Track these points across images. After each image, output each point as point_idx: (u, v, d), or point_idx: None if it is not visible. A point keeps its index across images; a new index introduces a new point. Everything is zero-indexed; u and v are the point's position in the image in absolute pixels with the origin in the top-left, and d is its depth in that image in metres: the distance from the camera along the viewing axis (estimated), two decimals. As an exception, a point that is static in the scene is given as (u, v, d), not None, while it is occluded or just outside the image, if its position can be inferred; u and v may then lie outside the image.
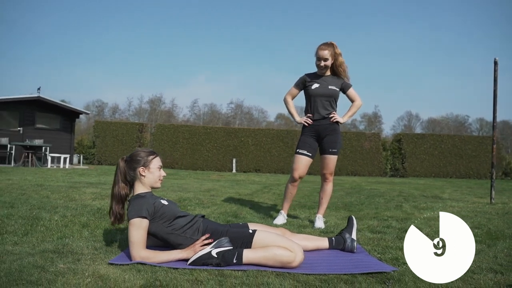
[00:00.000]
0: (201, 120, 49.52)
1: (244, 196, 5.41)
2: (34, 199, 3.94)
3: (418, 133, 16.80)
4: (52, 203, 3.70)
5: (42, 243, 2.16)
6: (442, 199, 5.76)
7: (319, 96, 3.16)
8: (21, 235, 2.31)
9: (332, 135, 3.20)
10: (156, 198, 2.09)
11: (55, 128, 13.39)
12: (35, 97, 12.54)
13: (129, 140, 15.21)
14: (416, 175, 14.94)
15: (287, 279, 1.73)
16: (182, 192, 5.40)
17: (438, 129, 50.63)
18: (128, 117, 47.34)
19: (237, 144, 15.14)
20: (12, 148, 11.90)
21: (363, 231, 3.01)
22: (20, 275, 1.57)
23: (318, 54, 3.14)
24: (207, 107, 51.69)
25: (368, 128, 49.95)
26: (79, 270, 1.67)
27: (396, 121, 54.30)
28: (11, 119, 12.63)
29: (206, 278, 1.68)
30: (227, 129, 15.77)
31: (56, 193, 4.54)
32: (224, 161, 15.06)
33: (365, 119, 53.04)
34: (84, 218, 2.98)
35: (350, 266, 1.99)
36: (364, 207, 4.51)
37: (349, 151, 15.09)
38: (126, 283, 1.55)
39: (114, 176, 2.12)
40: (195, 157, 15.02)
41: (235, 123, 49.74)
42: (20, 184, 5.41)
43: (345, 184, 8.85)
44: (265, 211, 3.94)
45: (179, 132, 15.23)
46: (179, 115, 49.62)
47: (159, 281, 1.58)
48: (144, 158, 2.12)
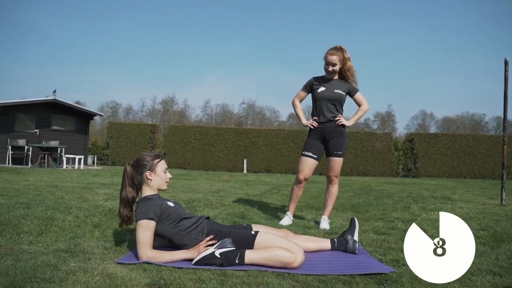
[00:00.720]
0: (213, 120, 49.80)
1: (253, 197, 5.48)
2: (49, 200, 4.09)
3: (430, 133, 16.59)
4: (66, 204, 3.84)
5: (56, 243, 2.27)
6: (451, 200, 5.72)
7: (324, 100, 3.21)
8: (36, 235, 2.43)
9: (337, 138, 3.24)
10: (163, 200, 2.17)
11: (70, 130, 13.71)
12: (51, 99, 12.87)
13: (141, 141, 15.46)
14: (429, 176, 14.77)
15: (287, 279, 1.79)
16: (191, 193, 5.50)
17: (454, 128, 49.75)
18: (142, 118, 47.94)
19: (248, 145, 15.23)
20: (29, 149, 12.24)
21: (368, 233, 3.05)
22: (34, 273, 1.67)
23: (326, 59, 3.19)
24: (219, 107, 51.97)
25: (381, 128, 49.46)
26: (89, 269, 1.77)
27: (410, 120, 53.61)
28: (28, 121, 12.99)
29: (208, 277, 1.76)
30: (238, 130, 15.87)
31: (70, 194, 4.69)
32: (235, 162, 15.17)
33: (378, 118, 52.53)
34: (96, 219, 3.10)
35: (349, 267, 2.04)
36: (371, 208, 4.53)
37: (360, 151, 15.02)
38: (132, 281, 1.64)
39: (122, 181, 2.22)
40: (207, 158, 15.17)
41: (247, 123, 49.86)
42: (36, 185, 5.60)
43: (355, 184, 8.84)
44: (272, 212, 4.00)
45: (191, 133, 15.41)
46: (192, 116, 50.01)
47: (164, 280, 1.67)
48: (150, 162, 2.21)
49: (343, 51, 3.20)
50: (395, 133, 47.26)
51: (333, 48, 3.21)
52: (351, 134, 15.35)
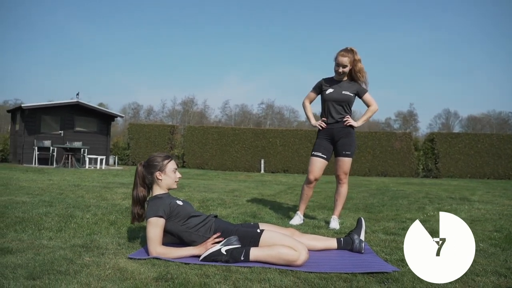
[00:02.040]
0: (232, 120, 50.12)
1: (267, 196, 5.54)
2: (70, 199, 4.28)
3: (452, 132, 16.18)
4: (85, 202, 4.02)
5: (73, 239, 2.41)
6: (470, 201, 5.60)
7: (332, 101, 3.24)
8: (56, 231, 2.57)
9: (346, 138, 3.26)
10: (172, 198, 2.27)
11: (92, 131, 14.15)
12: (74, 102, 13.33)
13: (161, 142, 15.77)
14: (450, 176, 14.42)
15: (289, 276, 1.85)
16: (207, 193, 5.61)
17: (479, 127, 48.21)
18: (162, 119, 48.76)
19: (265, 145, 15.29)
20: (54, 150, 12.72)
21: (377, 233, 3.06)
22: (51, 266, 1.79)
23: (337, 60, 3.21)
24: (238, 107, 52.24)
25: (403, 127, 48.50)
26: (101, 263, 1.88)
27: (433, 119, 52.36)
28: (53, 123, 13.49)
29: (213, 273, 1.83)
30: (256, 130, 15.96)
31: (91, 193, 4.88)
32: (252, 162, 15.27)
33: (400, 117, 51.54)
34: (113, 217, 3.24)
35: (352, 265, 2.07)
36: (385, 209, 4.51)
37: (379, 151, 14.82)
38: (141, 275, 1.74)
39: (134, 180, 2.33)
40: (224, 158, 15.33)
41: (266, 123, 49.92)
42: (59, 185, 5.84)
43: (371, 185, 8.76)
44: (284, 212, 4.05)
45: (209, 134, 15.61)
46: (211, 116, 50.50)
47: (170, 274, 1.75)
48: (160, 163, 2.30)
49: (354, 52, 3.21)
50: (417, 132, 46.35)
51: (344, 49, 3.23)
52: (369, 134, 15.17)
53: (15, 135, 13.64)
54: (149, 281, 1.66)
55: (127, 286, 1.57)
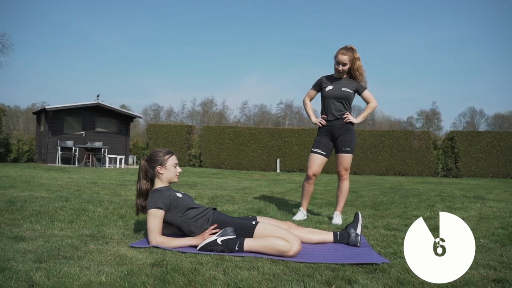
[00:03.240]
0: (251, 121, 50.35)
1: (276, 194, 5.62)
2: (86, 194, 4.49)
3: (473, 131, 15.74)
4: (100, 198, 4.21)
5: (82, 229, 2.56)
6: (484, 199, 5.50)
7: (331, 98, 3.30)
8: (67, 223, 2.74)
9: (345, 135, 3.31)
10: (172, 191, 2.39)
11: (112, 131, 14.58)
12: (94, 103, 13.79)
13: (179, 142, 16.07)
14: (471, 175, 14.05)
15: (279, 264, 1.93)
16: (217, 190, 5.74)
17: (506, 126, 46.64)
18: (182, 120, 49.51)
19: (281, 144, 15.35)
20: (76, 150, 13.19)
21: (379, 228, 3.09)
22: (58, 252, 1.94)
23: (337, 58, 3.27)
24: (257, 108, 52.43)
25: (425, 126, 47.44)
26: (104, 250, 2.02)
27: (457, 117, 51.00)
28: (75, 124, 14.00)
29: (207, 261, 1.93)
30: (272, 130, 16.03)
31: (106, 190, 5.09)
32: (268, 161, 15.35)
33: (423, 116, 50.43)
34: (123, 211, 3.40)
35: (345, 257, 2.13)
36: (393, 206, 4.50)
37: (396, 150, 14.61)
38: (138, 261, 1.86)
39: (138, 174, 2.46)
40: (241, 158, 15.48)
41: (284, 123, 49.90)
42: (78, 182, 6.11)
43: (385, 184, 8.68)
44: (290, 209, 4.11)
45: (225, 133, 15.79)
46: (230, 117, 50.89)
47: (166, 261, 1.87)
48: (161, 158, 2.43)
49: (353, 51, 3.26)
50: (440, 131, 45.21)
51: (344, 48, 3.28)
52: (387, 133, 14.97)
53: (40, 136, 14.23)
54: (144, 267, 1.78)
55: (123, 270, 1.69)
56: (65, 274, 1.60)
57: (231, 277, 1.67)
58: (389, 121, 51.74)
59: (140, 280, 1.57)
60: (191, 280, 1.61)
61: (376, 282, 1.70)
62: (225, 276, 1.70)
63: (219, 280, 1.62)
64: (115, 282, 1.54)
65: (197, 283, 1.58)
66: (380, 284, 1.69)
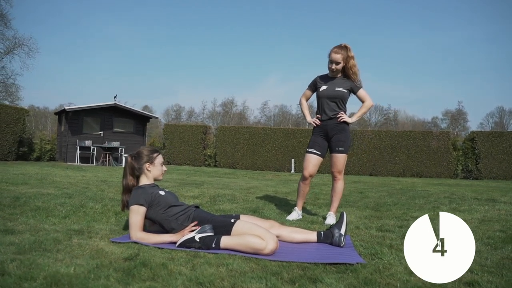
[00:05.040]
0: (271, 121, 50.34)
1: (280, 194, 5.61)
2: (91, 192, 4.63)
3: (495, 131, 15.16)
4: (103, 195, 4.33)
5: (73, 225, 2.66)
6: (496, 202, 5.31)
7: (325, 98, 3.28)
8: (61, 218, 2.85)
9: (339, 134, 3.28)
10: (156, 189, 2.45)
11: (129, 131, 14.94)
12: (112, 104, 14.17)
13: (194, 142, 16.28)
14: (492, 177, 13.56)
15: (250, 262, 1.94)
16: (222, 189, 5.79)
17: (538, 126, 44.73)
18: (203, 120, 50.05)
19: (295, 145, 15.29)
20: (94, 149, 13.59)
21: (370, 229, 3.05)
22: (40, 245, 2.03)
23: (330, 57, 3.24)
24: (277, 108, 52.37)
25: (451, 127, 46.11)
26: (84, 244, 2.09)
27: (485, 118, 49.27)
28: (94, 124, 14.43)
29: (179, 257, 1.97)
30: (286, 130, 16.00)
31: (112, 188, 5.24)
32: (283, 162, 15.32)
33: (448, 116, 49.02)
34: (119, 208, 3.48)
35: (321, 256, 2.12)
36: (395, 208, 4.42)
37: (414, 151, 14.27)
38: (113, 255, 1.92)
39: (123, 170, 2.53)
40: (255, 158, 15.52)
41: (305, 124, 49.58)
42: (88, 180, 6.30)
43: (397, 185, 8.51)
44: (288, 208, 4.11)
45: (240, 134, 15.88)
46: (250, 117, 51.05)
47: (140, 256, 1.92)
48: (148, 155, 2.49)
49: (347, 49, 3.22)
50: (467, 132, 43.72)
51: (338, 46, 3.25)
52: (404, 134, 14.64)
53: (61, 136, 14.75)
54: (117, 260, 1.83)
55: (94, 263, 1.75)
56: (37, 265, 1.67)
57: (196, 273, 1.70)
58: (413, 121, 50.54)
59: (106, 273, 1.62)
60: (156, 274, 1.65)
61: (341, 282, 1.70)
62: (191, 271, 1.73)
63: (183, 275, 1.66)
64: (82, 274, 1.60)
65: (160, 277, 1.62)
66: (345, 284, 1.68)
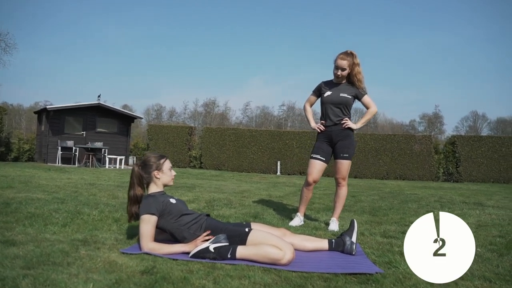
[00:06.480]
0: (253, 122, 50.35)
1: (275, 198, 5.59)
2: (83, 196, 4.47)
3: (474, 135, 15.65)
4: (96, 200, 4.19)
5: (75, 234, 2.54)
6: (483, 206, 5.46)
7: (329, 104, 3.28)
8: (60, 226, 2.72)
9: (344, 141, 3.28)
10: (166, 197, 2.37)
11: (113, 132, 14.59)
12: (95, 103, 13.80)
13: (179, 143, 16.06)
14: (472, 180, 13.98)
15: (271, 274, 1.90)
16: (216, 193, 5.71)
17: (509, 130, 46.53)
18: (184, 120, 49.54)
19: (281, 147, 15.32)
20: (76, 150, 13.20)
21: (375, 235, 3.06)
22: (48, 258, 1.92)
23: (336, 63, 3.24)
24: (259, 109, 52.45)
25: (428, 130, 47.42)
26: (95, 256, 1.99)
27: (460, 122, 50.99)
28: (76, 124, 14.02)
29: (198, 269, 1.91)
30: (272, 132, 16.01)
31: (103, 192, 5.08)
32: (269, 164, 15.32)
33: (425, 119, 50.40)
34: (118, 214, 3.37)
35: (338, 266, 2.10)
36: (391, 212, 4.47)
37: (397, 154, 14.55)
38: (128, 268, 1.83)
39: (130, 180, 2.43)
40: (241, 159, 15.46)
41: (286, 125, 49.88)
42: (76, 183, 6.09)
43: (385, 188, 8.64)
44: (287, 213, 4.08)
45: (226, 135, 15.77)
46: (232, 118, 50.92)
47: (156, 269, 1.84)
48: (156, 163, 2.41)
49: (353, 56, 3.23)
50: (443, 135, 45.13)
51: (344, 52, 3.25)
52: (388, 137, 14.93)
53: (40, 135, 14.25)
54: (134, 274, 1.75)
55: (112, 278, 1.67)
56: (52, 281, 1.57)
57: (221, 287, 1.64)
58: (391, 124, 51.70)
59: (127, 289, 1.54)
60: (180, 289, 1.59)
61: (368, 294, 1.68)
62: (215, 285, 1.67)
63: (208, 290, 1.60)
64: (102, 291, 1.52)
65: (186, 293, 1.56)
66: (372, 296, 1.66)
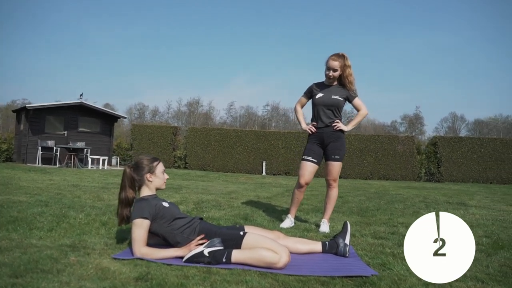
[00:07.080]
0: (237, 122, 50.27)
1: (263, 199, 5.57)
2: (67, 199, 4.34)
3: (455, 136, 16.07)
4: (81, 203, 4.07)
5: (62, 238, 2.46)
6: (466, 206, 5.59)
7: (321, 105, 3.28)
8: (46, 231, 2.63)
9: (335, 142, 3.30)
10: (159, 200, 2.31)
11: (95, 132, 14.27)
12: (77, 102, 13.47)
13: (163, 143, 15.86)
14: (453, 180, 14.34)
15: (268, 278, 1.88)
16: (203, 194, 5.66)
17: (486, 131, 47.98)
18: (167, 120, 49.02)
19: (267, 147, 15.33)
20: (57, 150, 12.85)
21: (366, 237, 3.08)
22: (36, 265, 1.84)
23: (328, 64, 3.25)
24: (243, 109, 52.42)
25: (409, 130, 48.41)
26: (85, 263, 1.93)
27: (440, 123, 52.30)
28: (57, 123, 13.64)
29: (193, 274, 1.87)
30: (258, 132, 16.01)
31: (88, 193, 4.95)
32: (254, 164, 15.30)
33: (406, 120, 51.45)
34: (105, 217, 3.28)
35: (333, 269, 2.10)
36: (379, 213, 4.52)
37: (381, 154, 14.79)
38: (122, 275, 1.78)
39: (121, 183, 2.37)
40: (226, 160, 15.39)
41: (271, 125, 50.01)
42: (59, 185, 5.92)
43: (370, 188, 8.75)
44: (277, 215, 4.07)
45: (211, 135, 15.67)
46: (216, 118, 50.70)
47: (151, 275, 1.80)
48: (149, 165, 2.35)
49: (344, 58, 3.25)
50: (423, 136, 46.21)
51: (336, 54, 3.27)
52: (372, 137, 15.15)
53: (19, 135, 13.81)
54: (128, 281, 1.70)
55: (106, 285, 1.61)
56: (43, 291, 1.51)
57: (219, 293, 1.61)
58: (374, 125, 52.56)
59: (124, 297, 1.49)
60: (177, 296, 1.55)
61: (366, 297, 1.68)
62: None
63: (207, 296, 1.56)
64: (97, 299, 1.46)
65: (184, 300, 1.52)
66: (371, 299, 1.66)
